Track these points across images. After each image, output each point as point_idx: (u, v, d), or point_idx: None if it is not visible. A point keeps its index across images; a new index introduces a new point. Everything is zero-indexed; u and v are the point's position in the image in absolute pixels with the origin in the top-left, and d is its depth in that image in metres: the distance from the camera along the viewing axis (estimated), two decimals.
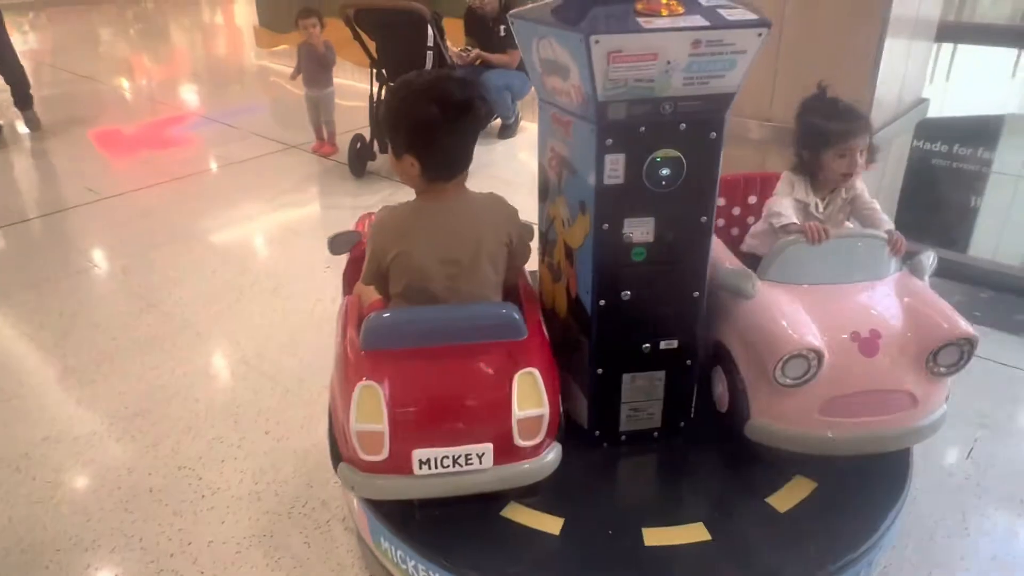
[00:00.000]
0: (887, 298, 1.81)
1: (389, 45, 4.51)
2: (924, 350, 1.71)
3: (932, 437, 1.81)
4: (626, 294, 1.79)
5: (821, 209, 2.05)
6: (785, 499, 1.78)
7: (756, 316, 1.80)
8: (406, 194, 1.77)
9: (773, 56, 2.64)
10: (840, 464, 1.82)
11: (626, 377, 1.89)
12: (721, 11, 1.55)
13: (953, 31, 3.34)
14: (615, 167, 1.65)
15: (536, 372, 1.59)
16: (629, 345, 1.85)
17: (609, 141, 1.62)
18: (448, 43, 4.75)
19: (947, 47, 3.97)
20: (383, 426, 1.55)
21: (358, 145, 4.72)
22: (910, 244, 1.96)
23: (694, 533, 1.69)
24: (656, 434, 1.97)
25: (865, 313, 1.78)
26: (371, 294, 1.86)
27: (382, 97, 4.63)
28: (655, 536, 1.68)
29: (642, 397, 1.92)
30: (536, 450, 1.64)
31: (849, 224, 2.09)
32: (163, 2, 14.14)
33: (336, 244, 2.03)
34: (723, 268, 1.90)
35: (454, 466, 1.59)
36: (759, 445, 1.81)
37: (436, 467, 1.59)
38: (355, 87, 6.29)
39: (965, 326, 1.71)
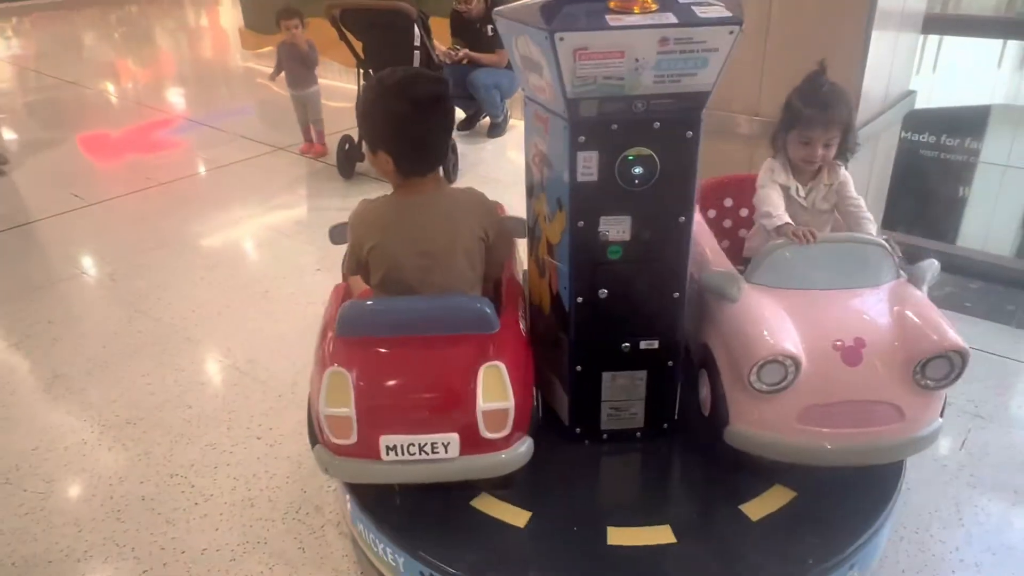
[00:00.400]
0: (877, 306, 1.75)
1: (376, 45, 4.48)
2: (911, 361, 1.64)
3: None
4: (603, 292, 1.79)
5: (803, 195, 2.03)
6: (760, 507, 1.75)
7: (737, 320, 1.76)
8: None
9: (760, 50, 2.64)
10: (823, 474, 1.78)
11: (606, 376, 1.89)
12: (696, 8, 1.54)
13: (939, 23, 3.36)
14: (588, 164, 1.65)
15: (502, 366, 1.60)
16: (608, 343, 1.85)
17: (582, 138, 1.63)
18: (436, 42, 4.73)
19: (933, 39, 3.99)
20: (351, 411, 1.59)
21: (346, 146, 4.69)
22: (900, 236, 1.97)
23: (659, 535, 1.68)
24: (639, 434, 1.96)
25: (851, 320, 1.72)
26: (360, 283, 1.90)
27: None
28: (619, 535, 1.69)
29: (623, 396, 1.92)
30: (504, 443, 1.65)
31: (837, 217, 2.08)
32: (147, 5, 14.04)
33: (335, 234, 2.05)
34: (708, 270, 1.88)
35: (420, 454, 1.62)
36: (741, 451, 1.78)
37: (403, 454, 1.63)
38: (342, 88, 6.26)
39: (955, 338, 1.64)
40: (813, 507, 1.75)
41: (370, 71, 4.53)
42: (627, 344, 1.85)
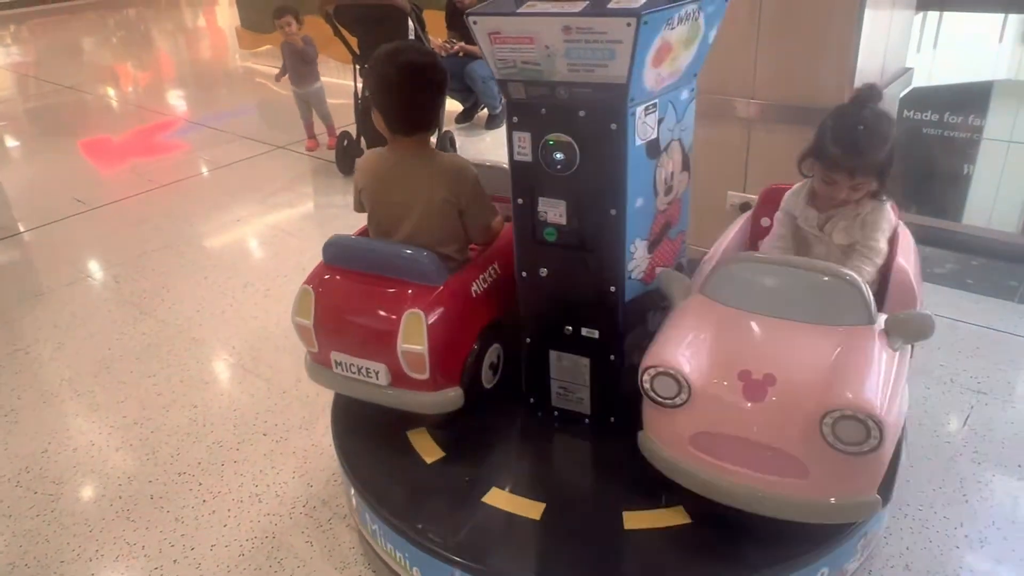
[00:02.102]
0: (817, 346, 1.54)
1: (370, 40, 4.48)
2: (816, 413, 1.42)
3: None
4: (543, 271, 1.85)
5: (815, 224, 1.87)
6: (639, 520, 1.69)
7: (663, 324, 1.70)
8: None
9: (753, 31, 2.63)
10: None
11: (552, 354, 1.94)
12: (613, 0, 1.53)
13: None
14: (522, 144, 1.72)
15: (421, 314, 1.80)
16: (551, 322, 1.90)
17: (515, 119, 1.70)
18: (430, 35, 4.72)
19: (933, 15, 3.95)
20: (310, 323, 1.92)
21: (345, 143, 4.70)
22: (904, 216, 1.91)
23: (531, 509, 1.74)
24: (587, 421, 1.98)
25: (772, 354, 1.54)
26: None
27: (366, 93, 4.61)
28: (494, 497, 1.77)
29: (568, 378, 1.95)
30: (428, 385, 1.85)
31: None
32: (144, 8, 14.06)
33: None
34: (664, 270, 1.83)
35: (359, 374, 1.92)
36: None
37: (346, 370, 1.93)
38: (339, 84, 6.26)
39: (870, 401, 1.39)
40: None
41: (366, 67, 4.53)
42: (569, 328, 1.88)
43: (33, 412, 2.67)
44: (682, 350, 1.57)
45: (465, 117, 5.59)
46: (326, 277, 1.96)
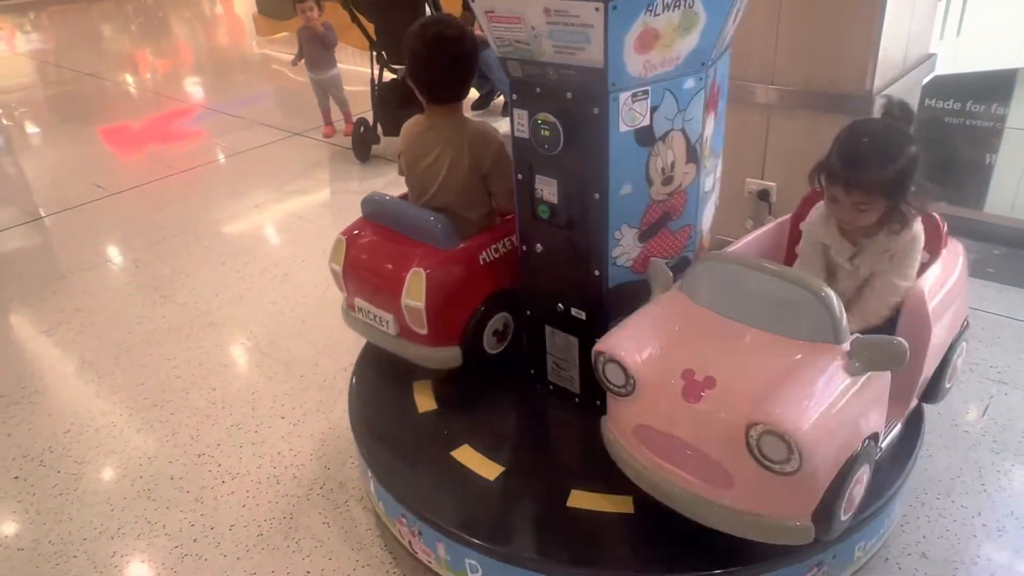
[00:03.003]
0: (767, 356, 1.48)
1: (387, 26, 4.48)
2: (739, 423, 1.38)
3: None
4: (539, 247, 1.89)
5: (847, 256, 1.75)
6: (583, 500, 1.72)
7: (632, 314, 1.69)
8: None
9: (774, 15, 2.60)
10: None
11: (547, 329, 1.98)
12: None
13: None
14: (521, 122, 1.76)
15: (423, 273, 1.93)
16: (546, 298, 1.94)
17: (515, 96, 1.75)
18: None
19: (957, 2, 3.89)
20: (340, 269, 2.12)
21: (361, 129, 4.71)
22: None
23: (490, 469, 1.82)
24: (577, 400, 1.99)
25: (720, 358, 1.50)
26: None
27: (383, 79, 4.61)
28: (462, 454, 1.87)
29: (561, 355, 1.98)
30: (428, 340, 1.99)
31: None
32: None
33: None
34: (655, 261, 1.79)
35: (373, 320, 2.11)
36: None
37: (365, 316, 2.13)
38: (356, 72, 6.27)
39: (793, 420, 1.32)
40: None
41: (383, 53, 4.53)
42: (561, 306, 1.91)
43: (55, 393, 2.71)
44: (635, 341, 1.57)
45: (481, 104, 5.58)
46: (357, 231, 2.16)
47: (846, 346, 1.46)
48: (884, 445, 1.68)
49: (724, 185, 2.15)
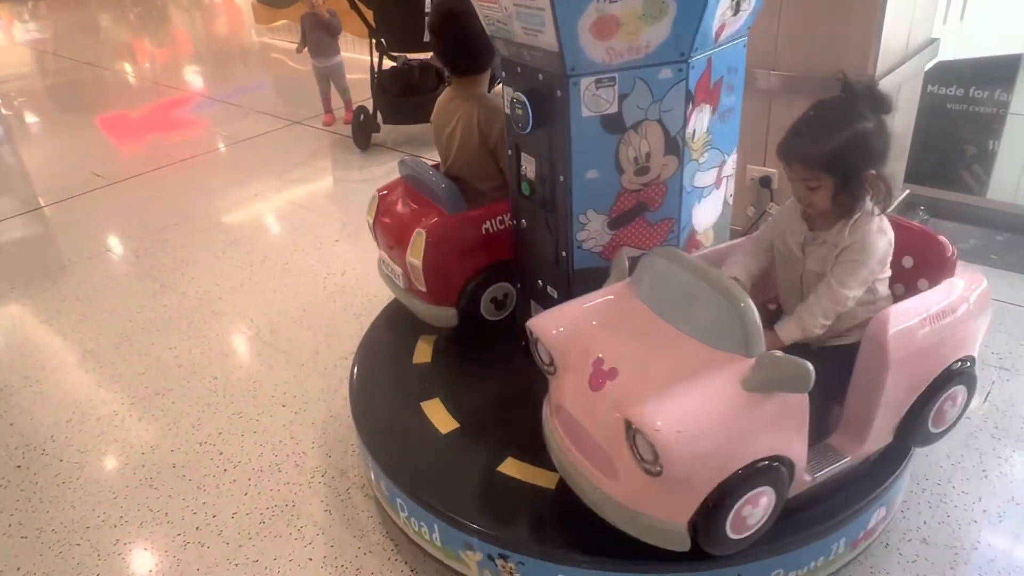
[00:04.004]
0: (679, 360, 1.46)
1: (387, 14, 4.45)
2: (620, 416, 1.39)
3: None
4: (523, 223, 1.96)
5: (799, 242, 1.65)
6: (513, 468, 1.76)
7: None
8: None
9: (777, 1, 2.58)
10: None
11: (532, 303, 2.03)
12: None
13: None
14: (507, 99, 1.81)
15: (423, 234, 2.07)
16: (530, 273, 2.00)
17: (503, 74, 1.83)
18: None
19: None
20: (371, 221, 2.34)
21: (361, 117, 4.69)
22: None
23: (447, 423, 1.92)
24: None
25: (631, 352, 1.51)
26: None
27: (383, 67, 4.59)
28: (430, 406, 1.98)
29: None
30: (428, 297, 2.15)
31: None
32: None
33: None
34: (622, 251, 1.77)
35: (390, 273, 2.31)
36: None
37: (385, 268, 2.35)
38: (356, 59, 6.23)
39: (658, 425, 1.31)
40: None
41: (382, 40, 4.50)
42: (540, 282, 1.97)
43: (57, 383, 2.71)
44: (564, 323, 1.60)
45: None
46: (389, 190, 2.35)
47: (752, 360, 1.40)
48: (818, 477, 1.56)
49: None
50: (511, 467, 1.78)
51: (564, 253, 1.83)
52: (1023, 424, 2.18)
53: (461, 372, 2.12)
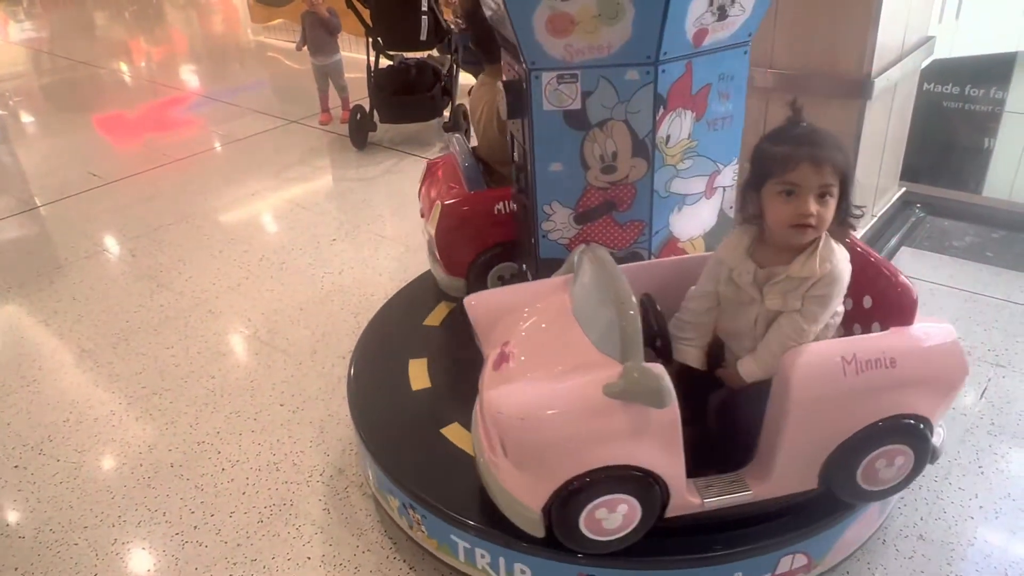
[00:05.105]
0: (565, 353, 1.51)
1: (383, 12, 4.44)
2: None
3: None
4: (514, 205, 2.11)
5: (750, 280, 1.54)
6: (456, 435, 1.88)
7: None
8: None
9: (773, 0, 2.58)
10: None
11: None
12: None
13: None
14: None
15: (439, 205, 2.28)
16: (525, 253, 2.07)
17: (501, 62, 1.95)
18: (445, 9, 4.68)
19: None
20: (420, 189, 2.58)
21: (358, 116, 4.68)
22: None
23: (420, 382, 2.07)
24: None
25: (532, 342, 1.60)
26: None
27: (379, 66, 4.59)
28: (414, 366, 2.12)
29: None
30: (443, 267, 2.33)
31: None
32: None
33: None
34: (581, 247, 1.75)
35: (427, 240, 2.44)
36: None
37: (424, 232, 2.51)
38: (352, 58, 6.22)
39: (501, 409, 1.42)
40: None
41: (379, 39, 4.50)
42: (524, 266, 2.09)
43: (54, 382, 2.71)
44: (495, 305, 1.72)
45: None
46: (438, 163, 2.54)
47: (619, 367, 1.41)
48: (709, 503, 1.52)
49: None
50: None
51: (533, 240, 1.92)
52: (1019, 420, 2.19)
53: (460, 371, 2.10)
